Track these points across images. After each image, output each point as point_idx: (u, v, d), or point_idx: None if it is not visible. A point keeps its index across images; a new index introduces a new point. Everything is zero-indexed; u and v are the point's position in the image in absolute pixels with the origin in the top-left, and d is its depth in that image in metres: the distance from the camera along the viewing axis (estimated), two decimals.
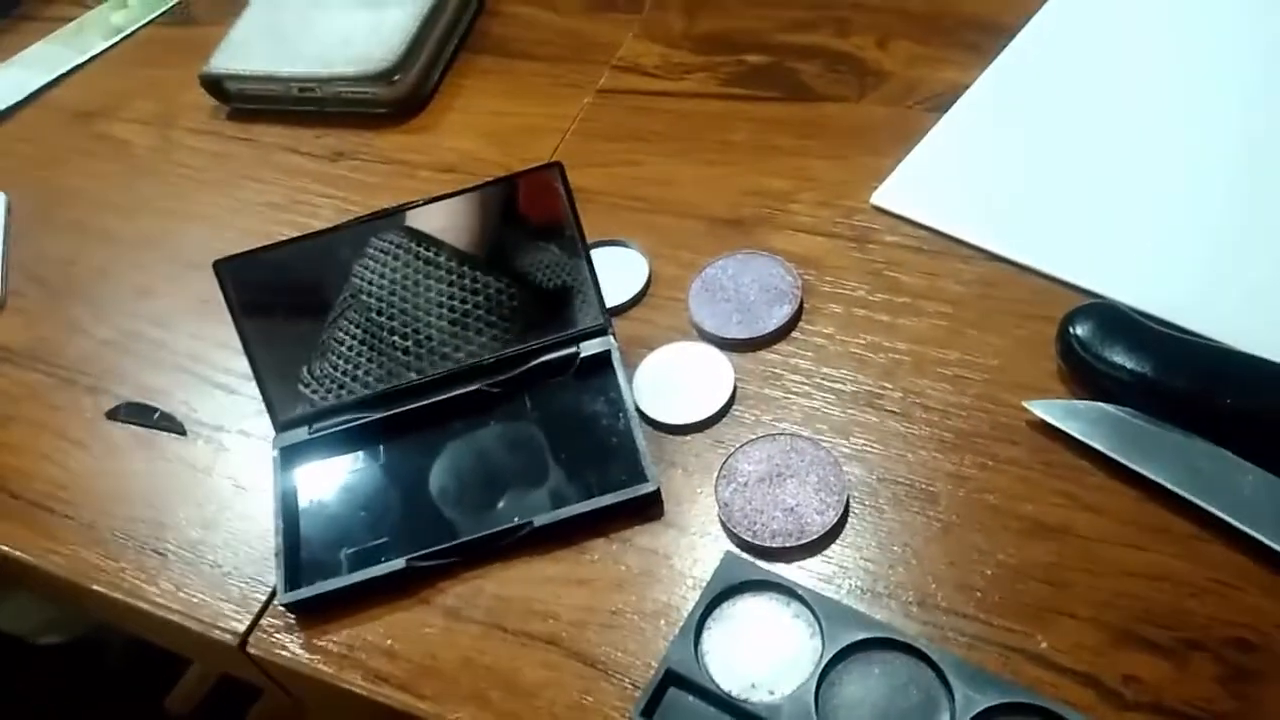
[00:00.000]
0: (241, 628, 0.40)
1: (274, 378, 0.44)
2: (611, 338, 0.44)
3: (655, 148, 0.54)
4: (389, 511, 0.42)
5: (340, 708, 0.41)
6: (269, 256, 0.43)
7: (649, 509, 0.40)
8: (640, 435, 0.41)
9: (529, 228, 0.45)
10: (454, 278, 0.45)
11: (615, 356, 0.44)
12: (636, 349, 0.45)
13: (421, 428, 0.44)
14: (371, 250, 0.45)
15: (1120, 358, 0.38)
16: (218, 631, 0.41)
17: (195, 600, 0.42)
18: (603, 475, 0.41)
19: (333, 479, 0.44)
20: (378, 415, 0.44)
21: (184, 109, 0.64)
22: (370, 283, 0.45)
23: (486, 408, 0.44)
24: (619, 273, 0.48)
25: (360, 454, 0.44)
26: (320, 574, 0.40)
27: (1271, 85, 0.48)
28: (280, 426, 0.44)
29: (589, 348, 0.44)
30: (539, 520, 0.39)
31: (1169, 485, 0.36)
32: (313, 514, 0.43)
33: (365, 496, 0.43)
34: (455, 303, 0.45)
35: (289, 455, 0.44)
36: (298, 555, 0.41)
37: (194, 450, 0.47)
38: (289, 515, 0.42)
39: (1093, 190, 0.46)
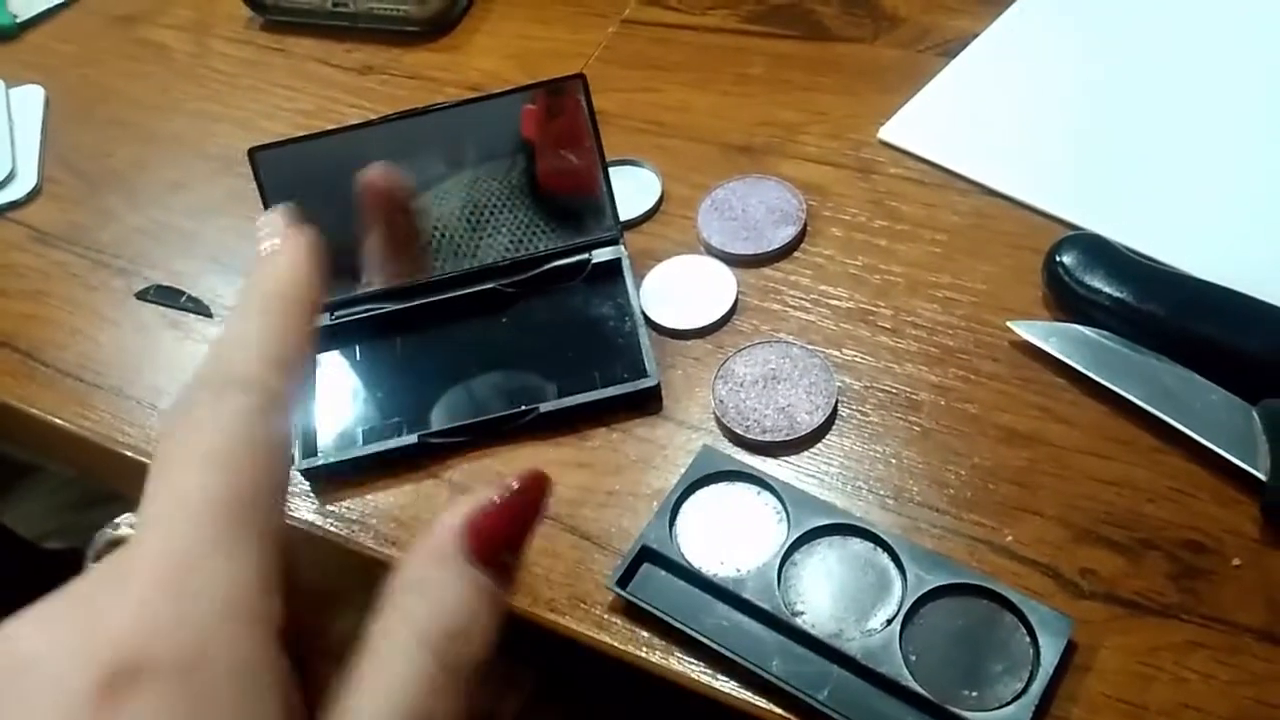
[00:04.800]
0: None
1: None
2: (622, 247, 0.46)
3: (674, 77, 0.56)
4: (404, 395, 0.44)
5: (350, 575, 0.44)
6: (302, 148, 0.45)
7: (649, 403, 0.42)
8: (644, 336, 0.43)
9: (550, 138, 0.47)
10: (476, 182, 0.47)
11: (625, 264, 0.46)
12: (646, 260, 0.47)
13: (439, 321, 0.46)
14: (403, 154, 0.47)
15: (1101, 284, 0.41)
16: None
17: None
18: (607, 371, 0.43)
19: (351, 363, 0.46)
20: (397, 306, 0.46)
21: (220, 18, 0.66)
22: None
23: (501, 306, 0.46)
24: (633, 190, 0.50)
25: (378, 342, 0.46)
26: (335, 447, 0.43)
27: (1270, 37, 0.50)
28: None
29: (600, 255, 0.46)
30: (544, 407, 0.42)
31: (1137, 401, 0.38)
32: (330, 392, 0.45)
33: (381, 380, 0.45)
34: (475, 206, 0.47)
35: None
36: (314, 428, 0.44)
37: (217, 332, 0.49)
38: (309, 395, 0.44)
39: (1085, 133, 0.49)
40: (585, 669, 0.38)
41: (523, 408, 0.42)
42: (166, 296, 0.50)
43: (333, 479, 0.42)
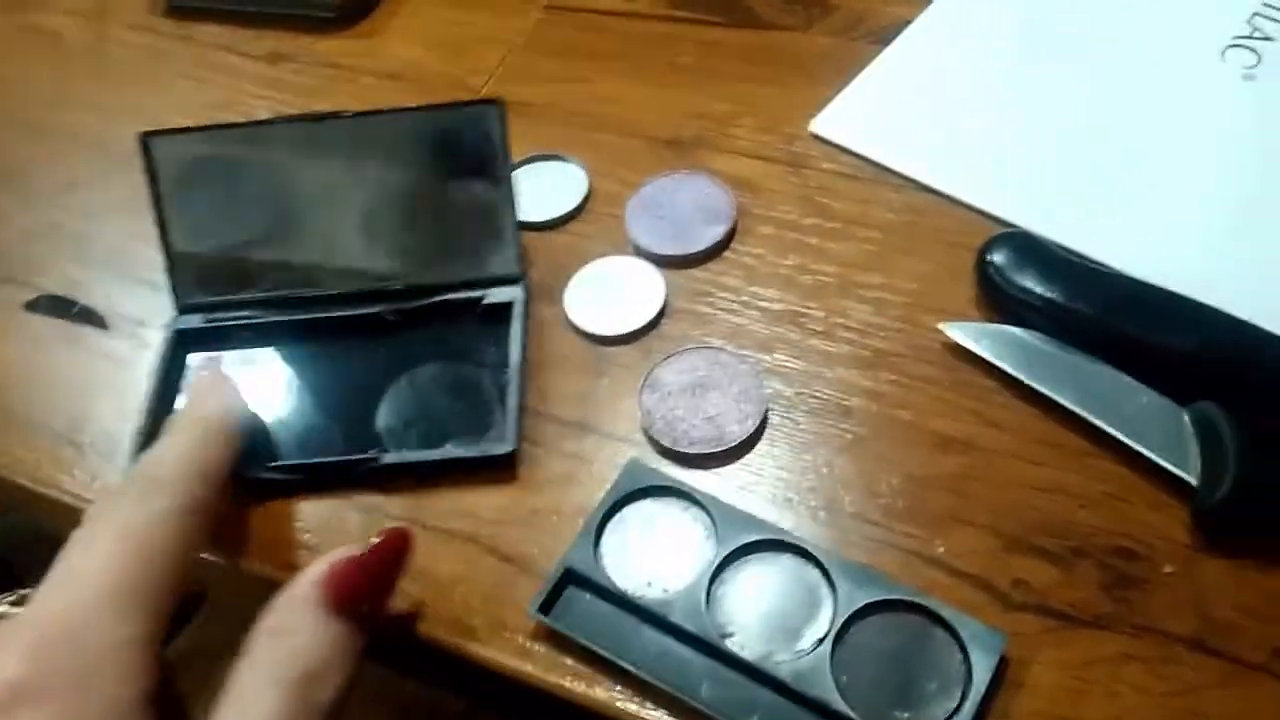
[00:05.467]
0: None
1: (183, 260, 0.44)
2: (520, 289, 0.43)
3: (602, 66, 0.54)
4: (270, 415, 0.42)
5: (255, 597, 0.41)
6: (197, 138, 0.43)
7: (501, 470, 0.39)
8: (514, 395, 0.40)
9: (459, 161, 0.44)
10: (374, 197, 0.44)
11: (517, 310, 0.42)
12: (572, 261, 0.45)
13: (317, 339, 0.44)
14: (303, 157, 0.44)
15: (1032, 284, 0.40)
16: None
17: None
18: (467, 425, 0.40)
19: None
20: (276, 318, 0.44)
21: (119, 3, 0.62)
22: (295, 187, 0.44)
23: (381, 334, 0.43)
24: (558, 187, 0.48)
25: (251, 352, 0.44)
26: None
27: (1205, 33, 0.50)
28: (181, 309, 0.44)
29: (495, 295, 0.43)
30: (387, 458, 0.39)
31: (1068, 404, 0.38)
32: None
33: (248, 395, 0.41)
34: (371, 223, 0.44)
35: (181, 339, 0.43)
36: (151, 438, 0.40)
37: (115, 344, 0.46)
38: (167, 398, 0.42)
39: (1020, 127, 0.47)
40: (514, 697, 0.37)
41: (361, 456, 0.39)
42: (58, 307, 0.47)
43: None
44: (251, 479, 0.39)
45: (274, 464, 0.40)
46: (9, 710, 0.26)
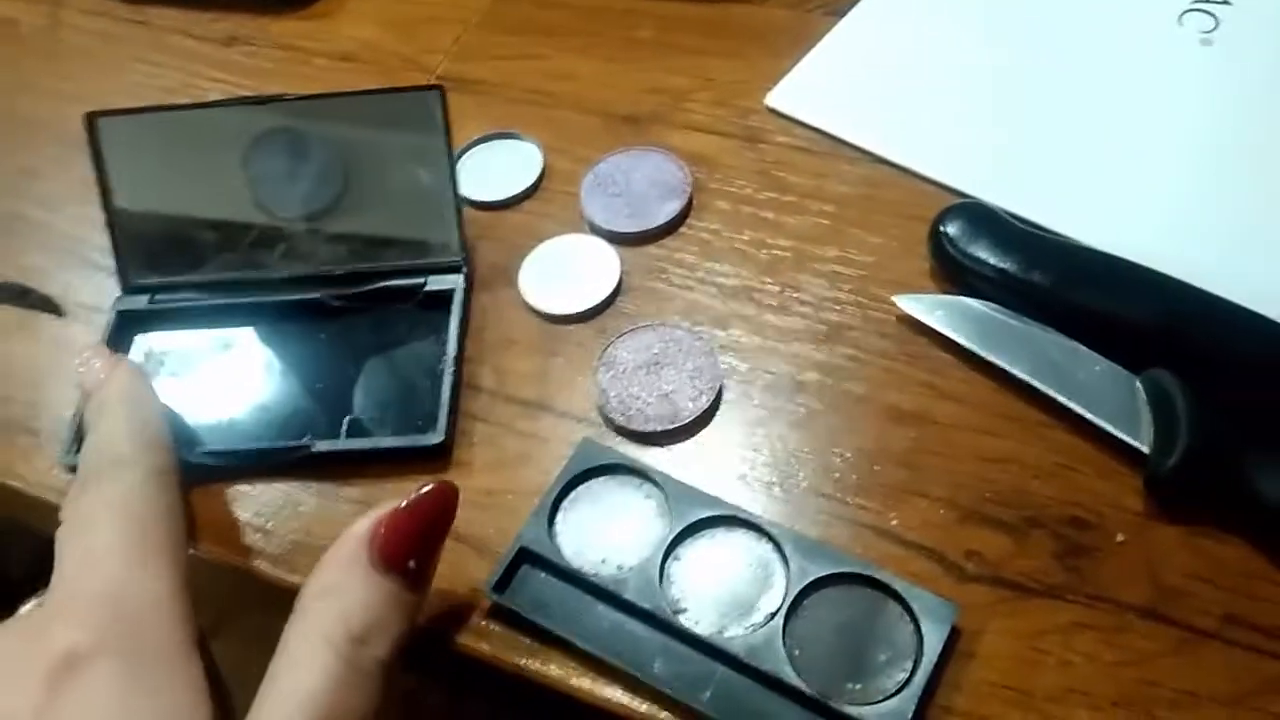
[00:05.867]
0: None
1: (129, 241, 0.43)
2: (461, 279, 0.43)
3: (558, 42, 0.53)
4: (197, 402, 0.41)
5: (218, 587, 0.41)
6: (144, 119, 0.42)
7: (435, 459, 0.39)
8: (448, 387, 0.40)
9: (402, 146, 0.43)
10: (320, 181, 0.44)
11: (457, 299, 0.42)
12: (527, 240, 0.45)
13: (261, 322, 0.43)
14: (249, 140, 0.44)
15: (985, 254, 0.39)
16: None
17: (67, 479, 0.41)
18: (403, 414, 0.40)
19: (151, 355, 0.43)
20: (220, 300, 0.43)
21: None
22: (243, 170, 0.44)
23: (324, 319, 0.43)
24: (513, 166, 0.48)
25: (195, 334, 0.43)
26: None
27: (1161, 1, 0.49)
28: (127, 289, 0.44)
29: (437, 282, 0.43)
30: (320, 446, 0.39)
31: (1022, 375, 0.37)
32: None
33: (179, 382, 0.42)
34: (316, 207, 0.44)
35: (125, 320, 0.43)
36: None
37: (73, 332, 0.46)
38: None
39: (975, 97, 0.47)
40: (492, 685, 0.37)
41: (292, 444, 0.39)
42: (13, 294, 0.47)
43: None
44: (181, 462, 0.38)
45: (204, 449, 0.39)
46: (73, 674, 0.27)
